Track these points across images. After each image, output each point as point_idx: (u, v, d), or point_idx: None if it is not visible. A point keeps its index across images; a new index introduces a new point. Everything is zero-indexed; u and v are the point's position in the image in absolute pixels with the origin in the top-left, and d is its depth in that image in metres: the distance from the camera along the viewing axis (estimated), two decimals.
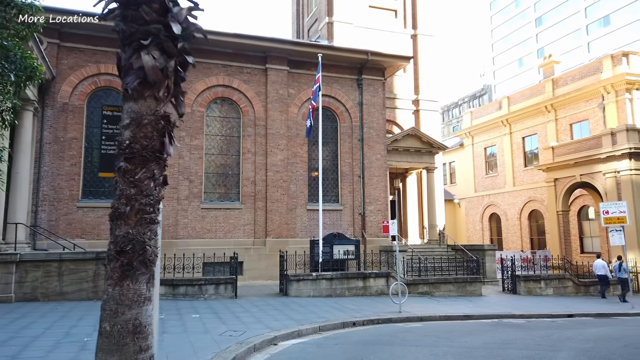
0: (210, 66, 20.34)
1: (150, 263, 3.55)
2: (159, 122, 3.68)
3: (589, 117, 27.67)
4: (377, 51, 22.58)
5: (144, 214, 3.54)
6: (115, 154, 3.67)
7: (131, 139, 3.58)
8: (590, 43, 75.44)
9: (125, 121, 3.64)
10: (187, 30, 3.86)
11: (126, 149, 3.57)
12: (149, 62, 3.57)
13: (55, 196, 17.70)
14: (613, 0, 71.60)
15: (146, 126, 3.62)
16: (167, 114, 3.77)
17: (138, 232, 3.50)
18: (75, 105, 18.39)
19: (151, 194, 3.59)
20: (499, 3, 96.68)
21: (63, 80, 18.18)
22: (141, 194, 3.54)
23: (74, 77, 18.42)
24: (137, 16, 3.68)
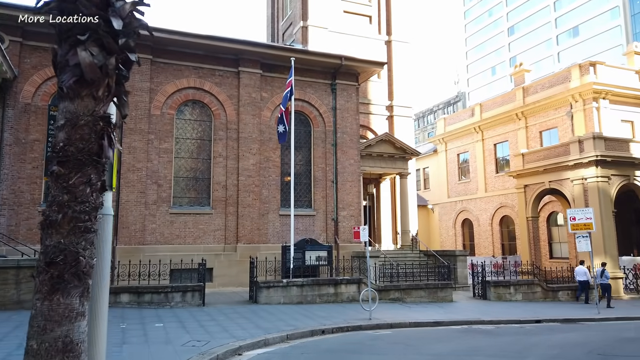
0: (181, 68, 19.94)
1: (84, 275, 3.28)
2: (97, 123, 3.42)
3: (558, 125, 28.24)
4: (351, 56, 22.55)
5: (77, 222, 3.27)
6: (49, 157, 3.40)
7: (66, 141, 3.32)
8: (560, 53, 77.45)
9: (60, 122, 3.38)
10: (130, 26, 3.62)
11: (60, 151, 3.30)
12: (86, 58, 3.33)
13: (16, 200, 17.01)
14: (582, 12, 73.72)
15: (83, 127, 3.36)
16: (107, 115, 3.52)
17: (71, 241, 3.23)
18: (38, 106, 17.74)
19: (87, 200, 3.33)
20: (472, 12, 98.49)
21: (26, 80, 17.52)
22: (75, 201, 3.28)
23: (37, 77, 17.78)
24: (75, 10, 3.42)
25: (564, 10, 77.19)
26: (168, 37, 19.17)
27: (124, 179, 18.48)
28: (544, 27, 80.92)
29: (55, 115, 10.85)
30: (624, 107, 27.02)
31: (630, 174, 23.72)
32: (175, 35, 19.44)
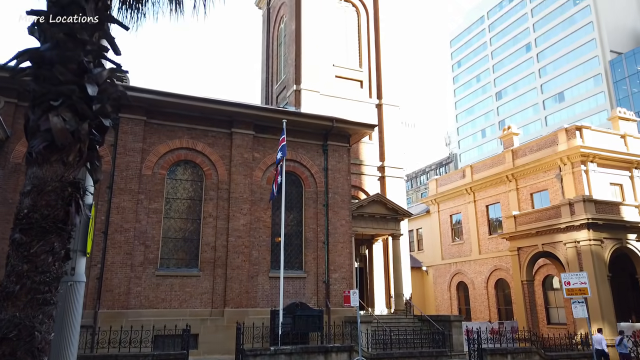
0: (175, 129, 20.17)
1: (39, 352, 3.03)
2: (65, 189, 3.31)
3: (548, 187, 28.49)
4: (341, 118, 22.99)
5: (36, 294, 3.07)
6: (13, 225, 3.25)
7: (30, 207, 3.19)
8: (547, 117, 79.81)
9: (26, 188, 3.27)
10: (106, 92, 3.60)
11: (23, 218, 3.16)
12: (57, 124, 3.27)
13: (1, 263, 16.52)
14: (566, 78, 76.77)
15: (49, 194, 3.24)
16: (77, 180, 3.42)
17: (27, 315, 3.01)
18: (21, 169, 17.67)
19: (48, 270, 3.15)
20: (461, 78, 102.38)
21: (18, 140, 17.57)
22: (35, 271, 3.10)
23: None
24: (51, 76, 3.41)
25: (549, 77, 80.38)
26: (162, 99, 19.56)
27: (110, 240, 18.12)
28: (530, 92, 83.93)
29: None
30: (611, 171, 27.43)
31: (622, 237, 23.64)
32: (169, 98, 19.84)
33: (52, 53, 3.39)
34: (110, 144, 19.15)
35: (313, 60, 28.08)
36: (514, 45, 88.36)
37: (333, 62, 29.05)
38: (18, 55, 3.39)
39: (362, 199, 26.01)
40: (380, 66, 30.04)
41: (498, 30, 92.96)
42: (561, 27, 78.48)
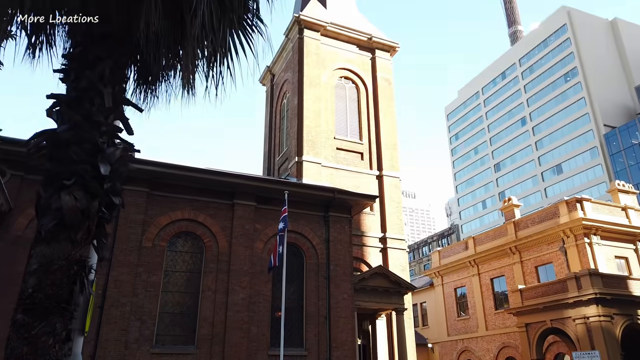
0: (177, 200, 20.27)
1: None
2: (71, 267, 3.29)
3: (553, 260, 28.11)
4: (343, 189, 23.18)
5: None
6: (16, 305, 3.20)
7: (35, 287, 3.15)
8: (546, 188, 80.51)
9: (32, 266, 3.25)
10: (118, 171, 3.69)
11: (27, 298, 3.11)
12: (68, 202, 3.32)
13: None
14: (563, 151, 78.36)
15: (55, 272, 3.22)
16: (83, 259, 3.40)
17: None
18: (28, 239, 17.56)
19: (47, 352, 3.05)
20: (459, 150, 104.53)
21: (20, 212, 17.60)
22: (35, 354, 3.00)
23: (32, 210, 17.74)
24: (65, 156, 3.51)
25: (546, 150, 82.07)
26: (166, 172, 19.84)
27: (105, 315, 17.60)
28: (528, 164, 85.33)
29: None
30: (616, 243, 27.20)
31: (633, 313, 22.94)
32: (172, 170, 20.13)
33: (68, 134, 3.51)
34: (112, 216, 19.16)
35: (314, 132, 28.84)
36: (510, 119, 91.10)
37: (334, 135, 29.81)
38: (35, 136, 3.51)
39: (364, 271, 25.56)
40: (380, 139, 30.78)
41: (493, 105, 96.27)
42: (555, 102, 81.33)
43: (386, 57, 33.51)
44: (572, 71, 78.69)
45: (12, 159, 16.78)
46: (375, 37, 33.02)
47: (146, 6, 3.67)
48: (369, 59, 33.12)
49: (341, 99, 31.52)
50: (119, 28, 3.85)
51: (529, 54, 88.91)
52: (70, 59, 3.99)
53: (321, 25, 31.45)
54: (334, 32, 32.11)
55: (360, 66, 32.65)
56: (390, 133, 31.37)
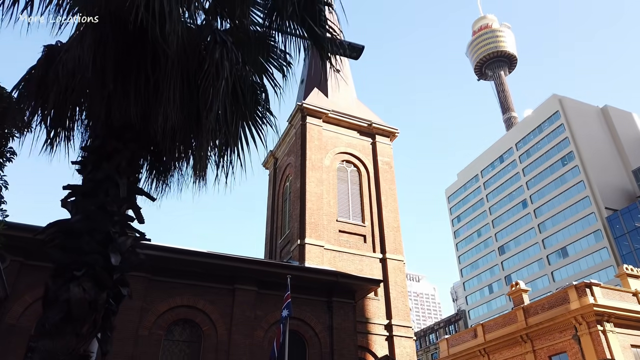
0: (176, 285, 19.83)
1: None
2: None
3: (567, 349, 26.85)
4: (346, 273, 22.76)
5: None
6: None
7: None
8: (553, 272, 78.93)
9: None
10: (128, 261, 3.67)
11: None
12: (77, 294, 3.26)
13: None
14: (567, 234, 77.87)
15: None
16: (87, 354, 3.28)
17: None
18: (23, 327, 16.97)
19: None
20: (462, 232, 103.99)
21: (16, 299, 17.14)
22: None
23: (29, 297, 17.40)
24: (77, 247, 3.52)
25: (549, 232, 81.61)
26: (166, 256, 19.62)
27: None
28: (533, 247, 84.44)
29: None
30: (630, 331, 26.13)
31: None
32: (172, 254, 19.92)
33: (81, 225, 3.54)
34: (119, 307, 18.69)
35: (317, 215, 28.91)
36: (511, 202, 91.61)
37: (336, 217, 29.84)
38: (49, 227, 3.54)
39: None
40: (382, 221, 30.75)
41: (493, 187, 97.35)
42: (554, 185, 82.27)
43: (386, 141, 34.49)
44: (568, 155, 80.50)
45: (14, 244, 16.69)
46: (375, 124, 34.22)
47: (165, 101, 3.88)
48: (369, 143, 34.08)
49: (343, 181, 31.98)
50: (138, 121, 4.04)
51: (525, 139, 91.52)
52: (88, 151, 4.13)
53: (323, 112, 32.75)
54: (336, 119, 33.35)
55: (362, 150, 33.51)
56: (393, 215, 31.43)
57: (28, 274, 17.69)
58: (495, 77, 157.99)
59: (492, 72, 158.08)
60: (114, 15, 4.08)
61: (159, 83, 4.19)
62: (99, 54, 4.03)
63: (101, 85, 4.01)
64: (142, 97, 4.16)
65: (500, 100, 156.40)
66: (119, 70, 4.16)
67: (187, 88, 4.37)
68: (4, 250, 16.90)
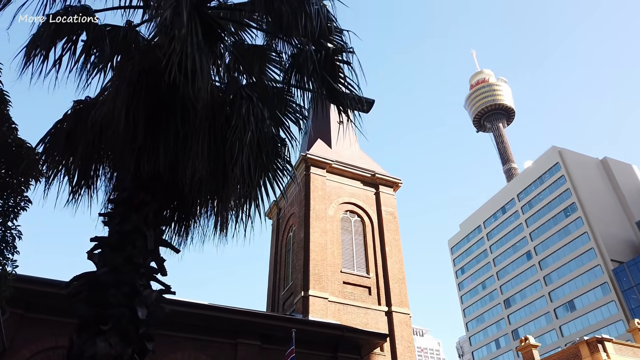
0: (178, 339, 19.29)
1: None
2: None
3: None
4: (352, 327, 22.20)
5: None
6: None
7: None
8: (561, 326, 76.80)
9: None
10: (154, 315, 3.62)
11: None
12: (103, 349, 3.19)
13: None
14: (573, 286, 76.42)
15: None
16: None
17: None
18: None
19: None
20: (466, 284, 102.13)
21: (14, 353, 16.62)
22: None
23: (27, 351, 16.85)
24: (103, 299, 3.49)
25: (555, 285, 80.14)
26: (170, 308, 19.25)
27: None
28: (539, 300, 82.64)
29: None
30: None
31: None
32: (176, 306, 19.49)
33: (108, 277, 3.52)
34: None
35: (321, 266, 28.55)
36: (515, 253, 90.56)
37: (341, 269, 29.46)
38: (75, 279, 3.52)
39: None
40: (387, 273, 30.32)
41: (496, 238, 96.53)
42: (558, 237, 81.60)
43: (390, 192, 34.62)
44: (570, 206, 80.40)
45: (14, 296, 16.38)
46: (378, 174, 34.48)
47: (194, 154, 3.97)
48: (373, 193, 34.20)
49: (347, 232, 31.82)
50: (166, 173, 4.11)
51: (526, 190, 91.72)
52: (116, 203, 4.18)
53: (327, 163, 33.09)
54: (339, 169, 33.63)
55: (365, 200, 33.56)
56: (398, 267, 31.03)
57: (27, 327, 17.26)
58: (494, 129, 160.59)
59: (491, 124, 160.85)
60: (146, 72, 4.25)
61: (187, 136, 4.31)
62: (132, 108, 4.17)
63: (132, 138, 4.12)
64: (171, 150, 4.26)
65: (499, 152, 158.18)
66: (150, 124, 4.29)
67: (213, 142, 4.49)
68: (4, 303, 16.64)
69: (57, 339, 17.50)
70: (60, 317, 17.80)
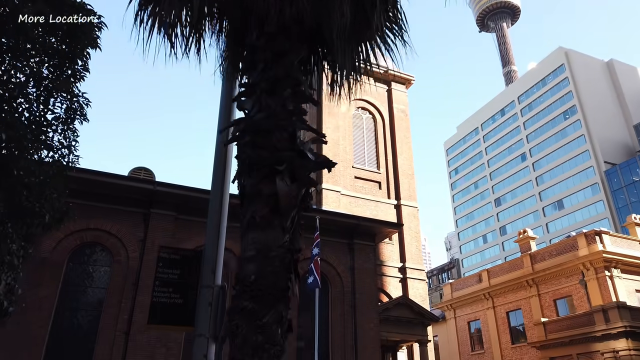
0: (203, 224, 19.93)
1: None
2: (286, 255, 3.17)
3: (572, 293, 27.82)
4: (367, 217, 23.12)
5: None
6: (235, 292, 3.04)
7: (257, 273, 3.01)
8: (548, 224, 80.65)
9: (249, 253, 3.11)
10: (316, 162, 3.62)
11: (251, 285, 2.97)
12: (283, 188, 3.23)
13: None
14: (564, 187, 79.00)
15: (274, 260, 3.09)
16: (296, 248, 3.29)
17: None
18: (55, 261, 17.14)
19: (278, 343, 2.89)
20: (459, 184, 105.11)
21: (49, 234, 17.23)
22: (269, 342, 2.83)
23: (60, 232, 17.49)
24: (268, 144, 3.44)
25: (546, 185, 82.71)
26: (192, 195, 19.69)
27: (131, 341, 17.06)
28: (529, 199, 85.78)
29: (70, 270, 10.41)
30: (635, 277, 27.04)
31: None
32: (198, 193, 19.97)
33: (268, 122, 3.45)
34: (140, 239, 18.88)
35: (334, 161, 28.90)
36: (510, 155, 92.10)
37: (352, 164, 29.90)
38: (234, 123, 3.44)
39: (384, 301, 25.13)
40: (397, 168, 30.91)
41: (492, 140, 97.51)
42: (554, 139, 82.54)
43: (402, 89, 34.09)
44: (571, 109, 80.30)
45: None
46: (391, 70, 33.58)
47: None
48: (385, 90, 33.66)
49: (359, 128, 31.80)
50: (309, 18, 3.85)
51: (528, 92, 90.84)
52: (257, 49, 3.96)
53: None
54: None
55: (377, 97, 33.11)
56: (407, 163, 31.54)
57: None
58: (497, 29, 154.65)
59: (494, 24, 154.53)
60: None
61: None
62: None
63: None
64: None
65: (501, 53, 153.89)
66: None
67: None
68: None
69: (88, 222, 18.08)
70: (89, 200, 18.22)
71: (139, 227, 19.28)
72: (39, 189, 6.48)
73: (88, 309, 17.62)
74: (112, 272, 18.20)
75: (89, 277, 18.30)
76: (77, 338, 16.82)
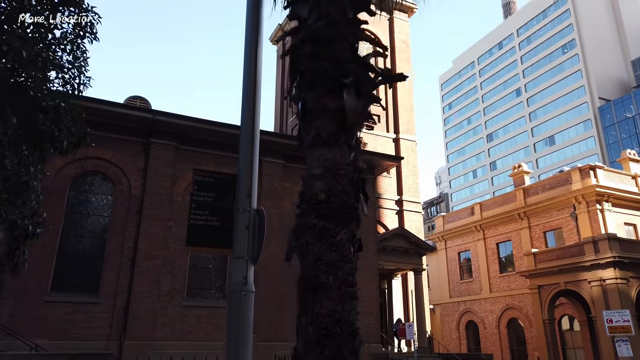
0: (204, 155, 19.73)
1: (357, 353, 2.67)
2: (354, 174, 3.04)
3: (562, 225, 28.62)
4: (367, 150, 23.00)
5: (347, 287, 2.74)
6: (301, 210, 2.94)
7: (327, 192, 2.89)
8: (538, 159, 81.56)
9: (316, 170, 2.98)
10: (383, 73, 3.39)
11: (322, 203, 2.86)
12: (351, 102, 3.04)
13: (22, 287, 15.60)
14: (556, 123, 79.12)
15: (343, 178, 2.96)
16: (363, 166, 3.15)
17: (344, 309, 2.67)
18: (57, 189, 17.01)
19: (352, 260, 2.84)
20: (452, 120, 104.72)
21: (48, 163, 16.95)
22: (343, 260, 2.78)
23: (59, 160, 17.24)
24: (330, 54, 3.19)
25: (539, 121, 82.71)
26: (193, 125, 19.35)
27: (138, 267, 17.38)
28: (521, 135, 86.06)
29: (73, 198, 10.26)
30: (625, 210, 27.78)
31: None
32: (200, 124, 19.63)
33: (328, 31, 3.18)
34: (141, 168, 18.72)
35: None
36: (504, 90, 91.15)
37: None
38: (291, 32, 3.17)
39: (382, 232, 25.69)
40: (397, 102, 30.47)
41: (488, 75, 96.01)
42: (550, 74, 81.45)
43: (404, 18, 32.85)
44: (570, 43, 78.62)
45: None
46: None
47: None
48: (386, 19, 32.36)
49: None
50: None
51: (528, 24, 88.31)
52: None
53: None
54: None
55: (378, 26, 31.86)
56: (407, 96, 31.05)
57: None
58: None
59: None
60: None
61: None
62: None
63: None
64: None
65: None
66: None
67: None
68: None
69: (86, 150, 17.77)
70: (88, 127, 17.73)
71: (139, 157, 19.06)
72: (55, 113, 6.19)
73: (93, 237, 17.77)
74: (114, 201, 18.20)
75: (91, 205, 18.28)
76: (84, 264, 17.08)
